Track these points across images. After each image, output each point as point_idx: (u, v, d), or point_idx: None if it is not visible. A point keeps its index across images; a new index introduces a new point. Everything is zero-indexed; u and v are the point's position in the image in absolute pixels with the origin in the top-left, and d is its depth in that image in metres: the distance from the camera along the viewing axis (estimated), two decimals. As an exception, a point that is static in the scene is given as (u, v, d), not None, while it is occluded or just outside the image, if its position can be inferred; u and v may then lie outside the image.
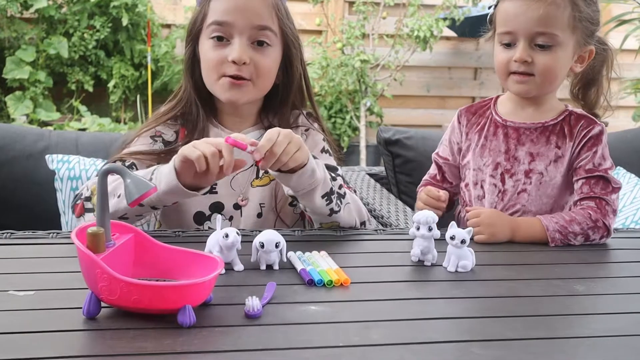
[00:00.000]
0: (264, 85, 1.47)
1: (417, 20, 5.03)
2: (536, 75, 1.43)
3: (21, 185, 1.84)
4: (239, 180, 1.49)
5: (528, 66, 1.43)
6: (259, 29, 1.42)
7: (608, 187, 1.42)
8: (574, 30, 1.42)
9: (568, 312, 0.99)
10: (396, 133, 2.18)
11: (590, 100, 1.57)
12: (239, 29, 1.41)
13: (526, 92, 1.47)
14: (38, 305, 0.93)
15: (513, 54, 1.43)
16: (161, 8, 5.20)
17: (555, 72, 1.44)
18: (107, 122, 4.91)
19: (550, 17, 1.39)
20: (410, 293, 1.05)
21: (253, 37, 1.42)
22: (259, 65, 1.43)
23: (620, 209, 2.00)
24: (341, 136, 5.31)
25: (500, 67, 1.48)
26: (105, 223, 0.93)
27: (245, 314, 0.91)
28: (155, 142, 1.48)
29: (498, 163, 1.50)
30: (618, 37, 3.33)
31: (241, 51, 1.40)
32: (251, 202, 1.49)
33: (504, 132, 1.51)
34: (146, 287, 0.87)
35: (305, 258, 1.15)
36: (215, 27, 1.42)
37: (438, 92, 5.81)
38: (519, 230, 1.39)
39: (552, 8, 1.39)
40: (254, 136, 1.52)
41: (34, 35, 4.94)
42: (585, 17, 1.42)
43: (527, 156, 1.48)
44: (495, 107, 1.56)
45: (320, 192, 1.32)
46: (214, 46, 1.43)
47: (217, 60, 1.42)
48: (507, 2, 1.44)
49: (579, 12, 1.40)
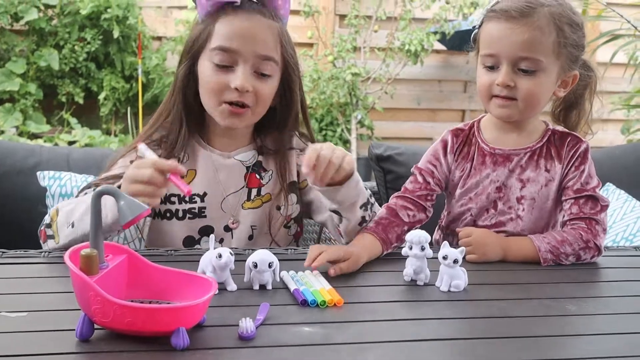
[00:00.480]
0: (261, 110, 1.47)
1: (408, 34, 5.05)
2: (519, 100, 1.41)
3: (11, 202, 1.83)
4: (230, 202, 1.49)
5: (510, 90, 1.40)
6: (263, 59, 1.41)
7: (597, 206, 1.42)
8: (559, 56, 1.40)
9: (560, 333, 0.99)
10: (387, 149, 2.18)
11: (571, 123, 1.56)
12: (244, 56, 1.39)
13: (508, 116, 1.45)
14: (30, 327, 0.92)
15: (496, 77, 1.41)
16: (152, 20, 5.20)
17: (538, 97, 1.42)
18: (97, 134, 4.89)
19: (535, 42, 1.37)
20: (403, 313, 1.05)
21: (256, 66, 1.41)
22: (260, 93, 1.42)
23: (610, 225, 2.01)
24: (332, 149, 5.31)
25: (482, 90, 1.45)
26: (98, 245, 0.93)
27: (239, 336, 0.91)
28: None
29: (489, 192, 1.49)
30: (607, 51, 3.36)
31: (244, 79, 1.39)
32: (242, 224, 1.49)
33: (493, 160, 1.49)
34: (139, 310, 0.87)
35: (298, 278, 1.15)
36: (220, 52, 1.40)
37: (428, 105, 5.83)
38: (510, 249, 1.39)
39: (537, 33, 1.36)
40: (248, 156, 1.52)
41: (24, 47, 4.93)
42: (571, 43, 1.40)
43: (518, 182, 1.47)
44: (480, 132, 1.53)
45: (360, 202, 1.35)
46: (216, 70, 1.41)
47: (219, 86, 1.40)
48: (491, 24, 1.42)
49: (564, 37, 1.38)
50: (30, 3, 4.80)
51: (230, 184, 1.50)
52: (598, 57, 5.03)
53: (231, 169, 1.50)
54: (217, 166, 1.49)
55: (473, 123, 1.57)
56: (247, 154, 1.52)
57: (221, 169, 1.49)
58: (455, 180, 1.54)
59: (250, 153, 1.52)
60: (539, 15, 1.37)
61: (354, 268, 1.24)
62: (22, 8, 4.77)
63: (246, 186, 1.50)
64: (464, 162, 1.53)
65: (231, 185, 1.50)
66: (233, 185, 1.50)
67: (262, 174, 1.53)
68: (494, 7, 1.42)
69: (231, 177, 1.50)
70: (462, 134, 1.55)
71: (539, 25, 1.37)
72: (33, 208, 1.77)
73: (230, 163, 1.50)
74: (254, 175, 1.52)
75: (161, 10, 5.21)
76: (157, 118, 1.50)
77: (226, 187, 1.49)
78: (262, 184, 1.52)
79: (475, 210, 1.50)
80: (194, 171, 1.49)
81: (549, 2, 1.39)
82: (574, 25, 1.40)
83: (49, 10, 4.96)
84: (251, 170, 1.51)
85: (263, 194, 1.52)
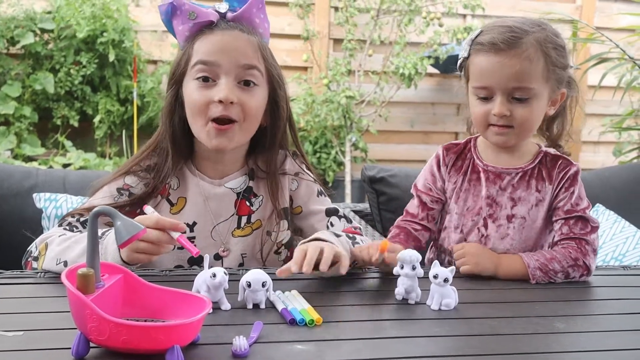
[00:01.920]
0: (250, 127, 1.45)
1: (402, 58, 5.10)
2: (515, 126, 1.44)
3: (8, 224, 1.84)
4: (220, 230, 1.48)
5: (507, 119, 1.43)
6: (246, 68, 1.40)
7: (587, 227, 1.45)
8: (548, 80, 1.43)
9: (548, 350, 1.01)
10: (380, 171, 2.21)
11: (554, 133, 1.59)
12: (225, 68, 1.38)
13: (505, 142, 1.48)
14: (27, 346, 0.93)
15: (491, 106, 1.43)
16: (147, 44, 5.24)
17: (533, 122, 1.46)
18: (92, 157, 4.90)
19: (525, 72, 1.40)
20: (394, 332, 1.06)
21: (240, 76, 1.40)
22: (246, 105, 1.40)
23: (600, 245, 2.03)
24: (326, 171, 5.34)
25: (478, 119, 1.48)
26: (95, 264, 0.94)
27: (233, 354, 0.92)
28: (120, 196, 1.44)
29: (480, 208, 1.51)
30: (597, 74, 3.40)
31: (228, 90, 1.37)
32: (233, 252, 1.48)
33: (486, 177, 1.52)
34: (135, 328, 0.88)
35: (285, 297, 1.15)
36: (201, 66, 1.39)
37: (422, 127, 5.87)
38: (502, 265, 1.41)
39: (527, 63, 1.39)
40: (237, 184, 1.50)
41: (20, 70, 4.95)
42: (557, 65, 1.44)
43: (509, 201, 1.50)
44: (476, 149, 1.57)
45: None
46: (199, 87, 1.39)
47: (203, 101, 1.38)
48: (480, 57, 1.44)
49: (551, 62, 1.42)
50: (26, 27, 4.84)
51: (220, 213, 1.49)
52: (588, 80, 5.11)
53: (221, 198, 1.49)
54: (206, 195, 1.48)
55: (470, 139, 1.60)
56: (237, 180, 1.51)
57: (211, 198, 1.48)
58: (448, 192, 1.57)
59: (241, 179, 1.51)
60: (527, 45, 1.40)
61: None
62: (19, 32, 4.81)
63: (236, 214, 1.49)
64: (456, 175, 1.56)
65: (221, 214, 1.49)
66: (223, 214, 1.49)
67: (252, 200, 1.51)
68: (480, 40, 1.44)
69: (221, 206, 1.49)
70: (456, 148, 1.59)
71: (527, 56, 1.39)
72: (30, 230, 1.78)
73: (221, 192, 1.49)
74: (244, 202, 1.50)
75: (157, 34, 5.25)
76: (148, 146, 1.50)
77: (216, 215, 1.48)
78: (252, 211, 1.51)
79: (468, 226, 1.52)
80: (184, 199, 1.48)
81: (532, 28, 1.42)
82: (558, 48, 1.44)
83: (45, 34, 5.00)
84: (241, 197, 1.50)
85: (253, 221, 1.51)
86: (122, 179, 1.46)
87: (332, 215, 1.52)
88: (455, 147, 1.59)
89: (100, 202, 1.40)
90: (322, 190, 1.58)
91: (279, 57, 5.32)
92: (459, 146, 1.59)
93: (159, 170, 1.46)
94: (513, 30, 1.41)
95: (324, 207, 1.55)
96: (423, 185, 1.59)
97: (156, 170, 1.47)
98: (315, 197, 1.55)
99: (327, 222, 1.53)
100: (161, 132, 1.49)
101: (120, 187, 1.45)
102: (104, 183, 1.46)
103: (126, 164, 1.49)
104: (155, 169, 1.47)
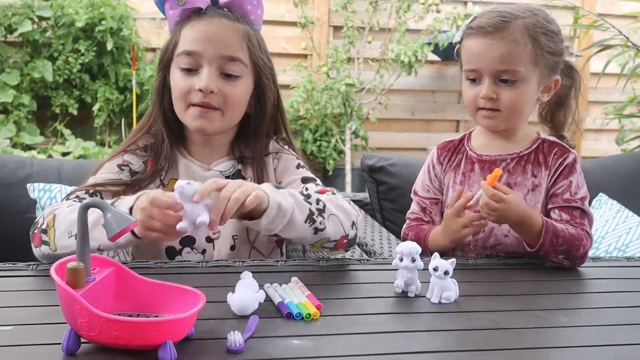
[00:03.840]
0: (233, 115, 1.46)
1: (402, 45, 5.07)
2: (502, 110, 1.47)
3: (1, 214, 1.82)
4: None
5: (494, 102, 1.46)
6: (228, 59, 1.41)
7: (584, 218, 1.46)
8: (537, 64, 1.45)
9: (551, 345, 0.99)
10: (380, 160, 2.19)
11: (558, 123, 1.61)
12: (208, 58, 1.41)
13: (494, 126, 1.51)
14: (16, 341, 0.91)
15: (479, 90, 1.47)
16: (146, 32, 5.21)
17: (521, 105, 1.47)
18: (91, 145, 4.89)
19: (512, 55, 1.43)
20: (394, 326, 1.04)
21: (221, 67, 1.42)
22: (228, 95, 1.42)
23: (603, 236, 2.01)
24: (326, 159, 5.32)
25: (468, 103, 1.51)
26: (85, 257, 0.92)
27: (227, 349, 0.90)
28: (122, 171, 1.46)
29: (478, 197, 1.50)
30: (600, 62, 3.37)
31: (208, 80, 1.39)
32: (223, 234, 1.47)
33: (481, 167, 1.54)
34: (126, 323, 0.86)
35: (281, 290, 1.13)
36: (185, 57, 1.42)
37: (422, 115, 5.84)
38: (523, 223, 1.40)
39: (513, 46, 1.42)
40: (226, 167, 1.51)
41: (18, 59, 4.93)
42: (547, 51, 1.45)
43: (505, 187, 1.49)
44: (469, 142, 1.59)
45: (299, 218, 1.26)
46: (183, 75, 1.42)
47: (186, 89, 1.41)
48: (470, 40, 1.48)
49: (539, 47, 1.44)
50: (24, 15, 4.81)
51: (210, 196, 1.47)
52: (591, 67, 5.08)
53: None
54: (196, 178, 1.47)
55: (465, 134, 1.63)
56: (226, 164, 1.52)
57: (201, 181, 1.46)
58: (445, 188, 1.59)
59: (230, 163, 1.52)
60: (514, 28, 1.43)
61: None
62: (16, 20, 4.78)
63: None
64: (451, 170, 1.59)
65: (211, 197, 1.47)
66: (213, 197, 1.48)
67: None
68: (471, 24, 1.49)
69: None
70: (451, 144, 1.62)
71: (514, 39, 1.43)
72: (23, 220, 1.76)
73: (210, 175, 1.48)
74: None
75: (155, 21, 5.22)
76: (140, 129, 1.52)
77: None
78: None
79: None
80: (174, 181, 1.47)
81: (522, 13, 1.45)
82: (549, 34, 1.46)
83: (43, 22, 4.97)
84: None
85: None
86: (121, 157, 1.48)
87: (308, 182, 1.48)
88: (450, 144, 1.63)
89: (103, 177, 1.43)
90: (303, 164, 1.55)
91: (279, 44, 5.36)
92: (453, 142, 1.63)
93: (157, 150, 1.49)
94: (502, 15, 1.45)
95: (301, 176, 1.51)
96: (421, 187, 1.63)
97: (154, 150, 1.49)
98: (293, 168, 1.53)
99: (302, 188, 1.46)
100: (152, 114, 1.52)
101: (120, 163, 1.47)
102: (103, 162, 1.48)
103: (123, 144, 1.52)
104: (153, 149, 1.49)
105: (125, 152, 1.48)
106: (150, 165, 1.48)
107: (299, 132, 5.40)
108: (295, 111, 5.22)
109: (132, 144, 1.50)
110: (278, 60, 5.08)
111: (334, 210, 1.34)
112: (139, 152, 1.49)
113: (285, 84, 5.08)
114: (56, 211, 1.31)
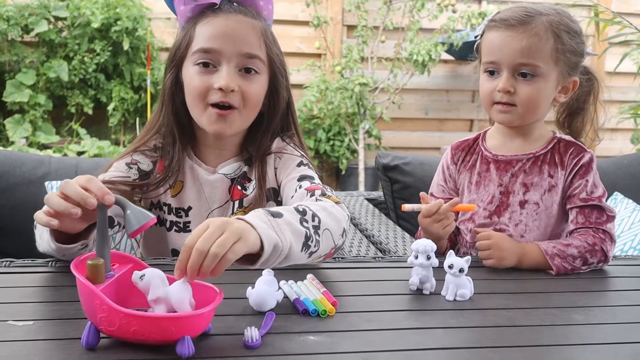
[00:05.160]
0: (250, 113, 1.42)
1: (415, 44, 5.06)
2: (518, 105, 1.45)
3: (21, 212, 1.84)
4: (215, 216, 1.42)
5: (511, 96, 1.44)
6: (247, 57, 1.37)
7: (603, 216, 1.43)
8: (557, 62, 1.44)
9: (566, 342, 0.99)
10: (394, 159, 2.19)
11: (576, 129, 1.58)
12: (227, 56, 1.35)
13: (509, 121, 1.49)
14: (37, 336, 0.93)
15: (497, 83, 1.45)
16: (161, 32, 5.24)
17: (538, 102, 1.45)
18: (106, 144, 4.92)
19: (533, 49, 1.42)
20: (409, 323, 1.05)
21: (241, 64, 1.37)
22: (247, 93, 1.37)
23: (619, 234, 2.00)
24: (340, 159, 5.32)
25: (484, 97, 1.50)
26: (104, 254, 0.93)
27: (244, 344, 0.91)
28: (130, 169, 1.43)
29: (493, 196, 1.51)
30: (614, 60, 3.35)
31: (229, 78, 1.34)
32: None
33: (496, 167, 1.52)
34: (145, 318, 0.87)
35: (297, 287, 1.14)
36: (202, 54, 1.36)
37: (436, 114, 5.84)
38: (525, 256, 1.38)
39: (535, 40, 1.41)
40: (232, 169, 1.48)
41: (34, 58, 4.97)
42: (569, 49, 1.44)
43: (522, 187, 1.49)
44: (484, 142, 1.58)
45: (296, 249, 1.08)
46: (199, 72, 1.37)
47: (203, 87, 1.36)
48: (492, 33, 1.47)
49: (561, 44, 1.43)
50: (40, 15, 4.85)
51: (215, 199, 1.47)
52: (606, 66, 5.05)
53: (214, 184, 1.46)
54: (201, 181, 1.46)
55: (479, 134, 1.62)
56: (232, 166, 1.48)
57: (205, 184, 1.47)
58: (461, 188, 1.58)
59: (236, 165, 1.48)
60: (537, 23, 1.42)
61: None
62: (33, 20, 4.82)
63: (231, 199, 1.47)
64: (466, 170, 1.57)
65: (216, 200, 1.47)
66: (218, 200, 1.47)
67: (246, 185, 1.48)
68: (494, 17, 1.48)
69: (215, 192, 1.47)
70: (465, 144, 1.61)
71: (536, 32, 1.42)
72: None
73: (214, 179, 1.46)
74: (236, 188, 1.47)
75: (170, 21, 5.25)
76: (149, 129, 1.48)
77: (211, 202, 1.47)
78: (245, 195, 1.47)
79: (481, 216, 1.52)
80: (181, 183, 1.47)
81: (547, 11, 1.44)
82: (572, 33, 1.45)
83: (59, 22, 5.01)
84: (235, 182, 1.48)
85: (246, 205, 1.47)
86: (130, 156, 1.45)
87: (303, 180, 1.41)
88: (464, 143, 1.61)
89: (111, 176, 1.39)
90: (306, 162, 1.47)
91: (292, 44, 5.37)
92: (467, 142, 1.61)
93: (166, 151, 1.45)
94: (527, 10, 1.44)
95: (299, 174, 1.44)
96: (437, 188, 1.62)
97: (163, 150, 1.46)
98: (294, 167, 1.46)
99: (296, 186, 1.40)
100: (162, 114, 1.46)
101: (129, 162, 1.44)
102: (113, 161, 1.46)
103: (132, 144, 1.48)
104: (162, 149, 1.46)
105: (135, 152, 1.46)
106: (159, 166, 1.46)
107: (313, 131, 5.41)
108: (309, 110, 5.23)
109: (142, 145, 1.46)
110: (292, 59, 5.10)
111: (327, 221, 1.18)
112: (148, 152, 1.46)
113: (299, 83, 5.09)
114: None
